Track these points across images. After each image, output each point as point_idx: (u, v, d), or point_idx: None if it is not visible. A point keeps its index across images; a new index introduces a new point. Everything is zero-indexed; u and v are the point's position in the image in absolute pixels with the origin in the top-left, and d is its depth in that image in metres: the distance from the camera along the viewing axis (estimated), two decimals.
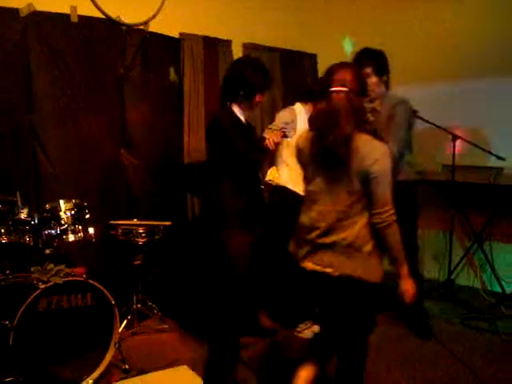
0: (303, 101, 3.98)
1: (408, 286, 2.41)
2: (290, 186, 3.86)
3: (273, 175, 3.96)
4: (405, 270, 2.39)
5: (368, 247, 2.36)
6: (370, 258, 2.37)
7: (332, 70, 2.41)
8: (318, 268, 2.40)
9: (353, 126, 2.30)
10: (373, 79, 3.60)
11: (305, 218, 2.50)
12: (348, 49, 5.04)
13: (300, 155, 2.58)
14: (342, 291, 2.38)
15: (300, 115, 3.90)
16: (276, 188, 3.93)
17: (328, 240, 2.37)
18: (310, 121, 2.46)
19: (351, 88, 2.33)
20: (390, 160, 2.33)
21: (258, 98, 2.99)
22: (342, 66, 2.43)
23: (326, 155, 2.35)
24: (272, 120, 4.06)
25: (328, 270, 2.37)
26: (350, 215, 2.34)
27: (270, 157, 3.96)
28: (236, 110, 2.97)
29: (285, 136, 3.63)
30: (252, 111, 3.12)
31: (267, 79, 3.02)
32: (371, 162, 2.28)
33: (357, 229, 2.34)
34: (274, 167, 3.99)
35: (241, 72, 2.95)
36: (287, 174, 3.89)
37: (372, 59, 3.62)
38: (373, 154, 2.29)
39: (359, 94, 2.38)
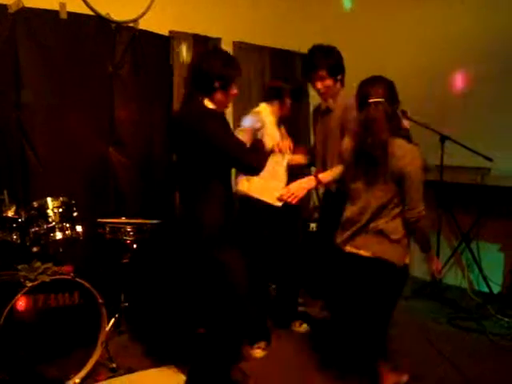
0: (269, 100, 3.81)
1: (437, 265, 3.03)
2: (261, 197, 3.69)
3: (244, 185, 3.72)
4: (432, 253, 2.99)
5: (396, 236, 2.76)
6: (397, 245, 2.77)
7: (368, 83, 2.83)
8: (353, 250, 2.84)
9: (388, 132, 2.68)
10: (327, 82, 3.44)
11: (348, 213, 2.90)
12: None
13: (344, 158, 2.98)
14: (372, 270, 2.79)
15: (267, 118, 3.72)
16: (249, 198, 3.70)
17: (366, 228, 2.80)
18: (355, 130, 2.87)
19: (386, 99, 2.73)
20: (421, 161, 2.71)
21: (220, 95, 2.80)
22: (376, 78, 2.84)
23: (365, 158, 2.73)
24: None
25: (361, 251, 2.81)
26: (386, 209, 2.75)
27: None
28: (210, 106, 2.81)
29: None
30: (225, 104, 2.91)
31: (230, 70, 2.82)
32: (404, 163, 2.64)
33: (388, 219, 2.76)
34: (244, 177, 3.72)
35: (202, 63, 2.81)
36: (258, 185, 3.68)
37: (325, 60, 3.44)
38: (406, 156, 2.65)
39: (392, 103, 2.77)
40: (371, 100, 2.73)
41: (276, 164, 3.68)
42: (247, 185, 3.70)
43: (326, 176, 3.33)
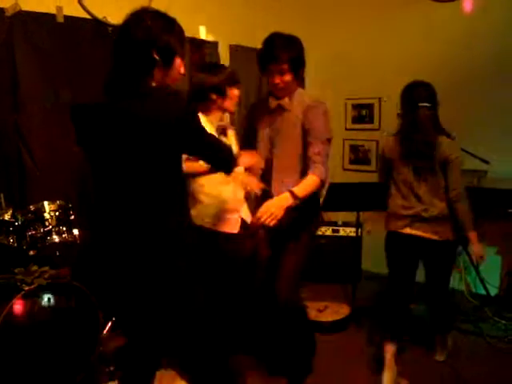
0: (201, 105, 3.17)
1: (478, 249, 3.35)
2: (213, 227, 3.19)
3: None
4: (473, 235, 3.31)
5: (448, 218, 3.26)
6: (452, 224, 3.28)
7: (415, 87, 3.29)
8: (416, 232, 3.31)
9: (434, 133, 3.20)
10: (287, 77, 3.03)
11: (399, 201, 3.36)
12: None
13: (389, 153, 3.40)
14: (438, 249, 3.32)
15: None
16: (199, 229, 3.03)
17: (426, 214, 3.27)
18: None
19: (431, 103, 3.23)
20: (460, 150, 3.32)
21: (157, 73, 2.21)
22: (422, 83, 3.30)
23: (417, 154, 3.21)
24: None
25: (428, 235, 3.28)
26: (437, 194, 3.26)
27: None
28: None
29: None
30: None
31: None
32: (448, 154, 3.19)
33: (444, 204, 3.25)
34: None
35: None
36: (205, 212, 3.16)
37: (287, 52, 2.99)
38: (449, 148, 3.20)
39: (435, 106, 3.25)
40: (421, 104, 3.20)
41: (219, 184, 3.18)
42: (193, 213, 2.93)
43: (303, 190, 2.86)
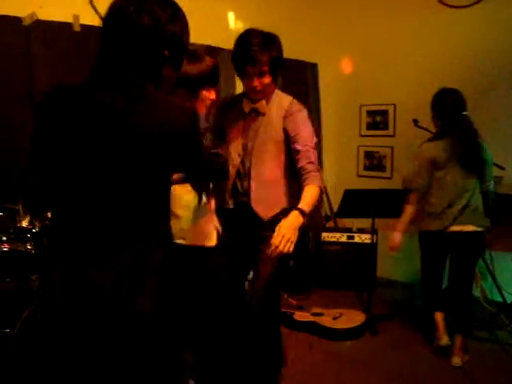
0: None
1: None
2: (195, 242, 2.71)
3: None
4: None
5: (481, 208, 3.69)
6: (483, 214, 3.69)
7: (452, 94, 3.62)
8: (457, 228, 3.61)
9: (477, 136, 3.61)
10: (266, 79, 2.82)
11: (441, 200, 3.64)
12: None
13: (432, 157, 3.62)
14: (474, 239, 3.66)
15: None
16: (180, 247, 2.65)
17: (467, 210, 3.61)
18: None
19: (467, 109, 3.62)
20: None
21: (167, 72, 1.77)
22: (456, 91, 3.64)
23: (468, 156, 3.56)
24: None
25: (466, 227, 3.61)
26: (475, 190, 3.65)
27: None
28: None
29: None
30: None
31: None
32: (488, 154, 3.65)
33: (477, 197, 3.65)
34: None
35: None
36: (179, 227, 2.64)
37: (268, 52, 2.82)
38: (488, 149, 3.65)
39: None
40: (464, 113, 3.57)
41: (188, 193, 2.72)
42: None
43: (309, 203, 2.68)
